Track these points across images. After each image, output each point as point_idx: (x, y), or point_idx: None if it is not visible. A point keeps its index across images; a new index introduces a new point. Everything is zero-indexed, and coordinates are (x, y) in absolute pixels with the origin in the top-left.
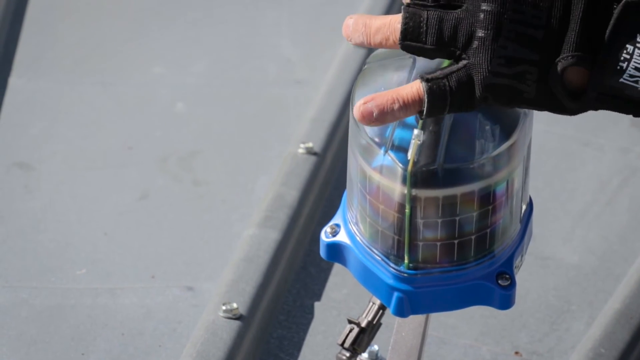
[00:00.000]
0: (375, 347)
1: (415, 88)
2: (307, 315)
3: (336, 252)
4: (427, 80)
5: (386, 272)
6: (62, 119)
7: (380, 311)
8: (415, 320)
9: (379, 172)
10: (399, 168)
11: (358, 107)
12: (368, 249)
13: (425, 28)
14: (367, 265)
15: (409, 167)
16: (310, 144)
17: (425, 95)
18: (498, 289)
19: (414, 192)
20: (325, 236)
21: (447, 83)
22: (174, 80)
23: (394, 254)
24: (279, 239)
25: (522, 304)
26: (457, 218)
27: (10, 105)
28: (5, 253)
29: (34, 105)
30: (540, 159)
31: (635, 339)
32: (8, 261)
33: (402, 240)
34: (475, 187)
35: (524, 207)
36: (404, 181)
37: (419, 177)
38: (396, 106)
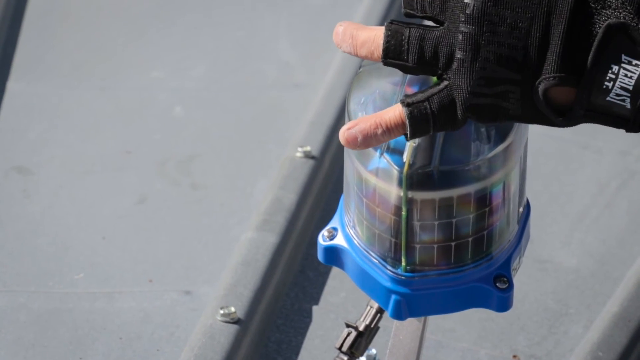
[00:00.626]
0: (373, 351)
1: (398, 112)
2: (305, 319)
3: (334, 255)
4: (407, 105)
5: (384, 275)
6: (61, 123)
7: (378, 314)
8: (413, 324)
9: (375, 175)
10: (395, 170)
11: (343, 133)
12: (365, 252)
13: (406, 47)
14: (364, 269)
15: (405, 170)
16: (308, 148)
17: (407, 120)
18: (496, 291)
19: (410, 194)
20: (322, 240)
21: (428, 106)
22: (172, 84)
23: (391, 257)
24: (277, 243)
25: (520, 307)
26: (454, 220)
27: (9, 109)
28: (4, 257)
29: (32, 109)
30: (539, 162)
31: (633, 342)
32: (6, 265)
33: (399, 242)
34: (471, 189)
35: (521, 209)
36: (400, 183)
37: (414, 180)
38: (379, 131)
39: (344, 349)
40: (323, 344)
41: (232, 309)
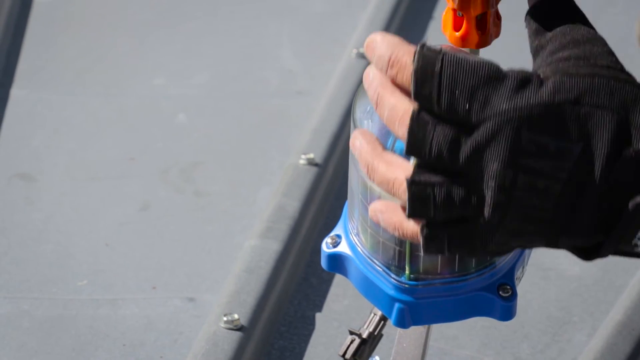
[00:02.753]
0: (377, 358)
1: (417, 229)
2: (308, 326)
3: (337, 262)
4: (426, 229)
5: (387, 283)
6: (64, 130)
7: (382, 322)
8: (416, 331)
9: None
10: None
11: (373, 210)
12: (369, 260)
13: (433, 210)
14: (368, 276)
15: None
16: (311, 155)
17: (422, 244)
18: (499, 300)
19: None
20: (326, 247)
21: (446, 241)
22: (176, 92)
23: (395, 265)
24: (280, 250)
25: (523, 314)
26: None
27: (12, 117)
28: (7, 264)
29: (35, 116)
30: None
31: (637, 350)
32: (9, 272)
33: (403, 251)
34: None
35: None
36: None
37: None
38: (397, 233)
39: (347, 356)
40: (326, 351)
41: (236, 316)
